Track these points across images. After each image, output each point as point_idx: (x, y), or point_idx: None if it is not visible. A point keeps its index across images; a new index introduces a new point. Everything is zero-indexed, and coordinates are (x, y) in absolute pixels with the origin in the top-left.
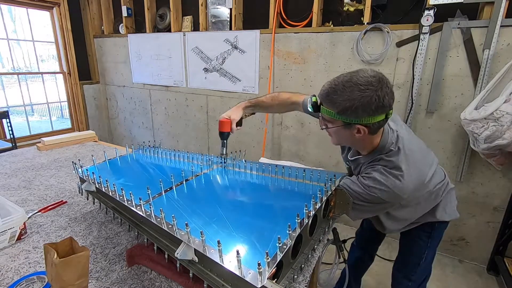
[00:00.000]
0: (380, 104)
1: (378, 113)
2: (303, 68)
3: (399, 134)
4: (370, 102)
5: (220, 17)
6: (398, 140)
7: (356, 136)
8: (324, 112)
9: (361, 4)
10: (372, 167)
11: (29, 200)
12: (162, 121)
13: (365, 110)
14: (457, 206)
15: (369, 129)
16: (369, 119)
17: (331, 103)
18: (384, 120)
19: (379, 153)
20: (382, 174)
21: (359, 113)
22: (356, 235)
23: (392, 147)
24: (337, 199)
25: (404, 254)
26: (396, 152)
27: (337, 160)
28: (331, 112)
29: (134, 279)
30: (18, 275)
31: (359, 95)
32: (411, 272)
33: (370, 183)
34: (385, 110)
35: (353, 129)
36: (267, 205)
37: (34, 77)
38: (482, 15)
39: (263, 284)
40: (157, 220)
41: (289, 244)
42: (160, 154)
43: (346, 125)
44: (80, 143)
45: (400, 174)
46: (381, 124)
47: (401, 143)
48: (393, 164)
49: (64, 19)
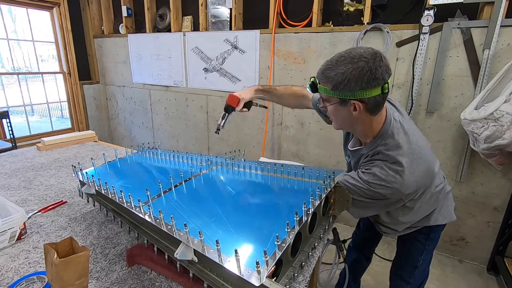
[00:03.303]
0: (373, 76)
1: (372, 86)
2: (303, 68)
3: (404, 126)
4: (362, 73)
5: (220, 17)
6: (403, 130)
7: (354, 114)
8: (321, 90)
9: (361, 4)
10: (372, 162)
11: (29, 200)
12: (162, 121)
13: (357, 82)
14: (455, 208)
15: (365, 105)
16: (363, 93)
17: (326, 79)
18: (380, 96)
19: (381, 140)
20: (382, 170)
21: (352, 86)
22: (352, 236)
23: (396, 135)
24: (337, 196)
25: (401, 257)
26: (396, 145)
27: (337, 160)
28: (326, 89)
29: (134, 279)
30: (18, 275)
31: (351, 67)
32: (409, 275)
33: (370, 179)
34: (378, 82)
35: (349, 105)
36: (266, 203)
37: (34, 77)
38: (482, 15)
39: (262, 282)
40: (156, 221)
41: (288, 242)
42: (160, 155)
43: (342, 102)
44: (80, 143)
45: (401, 169)
46: (378, 101)
47: (404, 133)
48: (393, 159)
49: (64, 19)
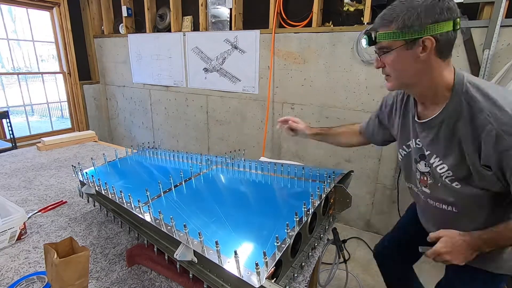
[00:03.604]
0: (446, 5)
1: (445, 17)
2: (303, 68)
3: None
4: (434, 3)
5: (220, 17)
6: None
7: (421, 57)
8: (382, 36)
9: (361, 4)
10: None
11: (29, 200)
12: (162, 121)
13: (428, 13)
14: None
15: (437, 42)
16: (435, 28)
17: (389, 23)
18: (452, 33)
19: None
20: None
21: (422, 19)
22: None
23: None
24: (337, 196)
25: None
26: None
27: (337, 161)
28: (388, 33)
29: (134, 279)
30: (18, 275)
31: (421, 1)
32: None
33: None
34: (452, 13)
35: (417, 47)
36: (266, 203)
37: (34, 77)
38: (482, 15)
39: (261, 284)
40: (156, 222)
41: (287, 243)
42: (160, 155)
43: (408, 44)
44: (80, 143)
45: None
46: (450, 39)
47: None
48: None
49: (64, 19)
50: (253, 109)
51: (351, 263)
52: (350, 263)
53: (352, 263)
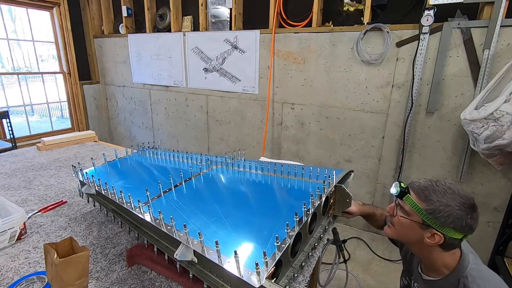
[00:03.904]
0: (469, 224)
1: (461, 230)
2: (303, 68)
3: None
4: (464, 217)
5: (220, 17)
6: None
7: (425, 241)
8: (410, 202)
9: (361, 4)
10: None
11: (29, 200)
12: (162, 121)
13: (454, 220)
14: None
15: (444, 241)
16: (450, 231)
17: (424, 198)
18: (458, 241)
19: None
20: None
21: (448, 221)
22: None
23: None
24: (337, 196)
25: None
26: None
27: (337, 161)
28: (418, 206)
29: (134, 279)
30: (18, 275)
31: (458, 207)
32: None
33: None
34: (468, 230)
35: (427, 232)
36: (266, 203)
37: (34, 77)
38: (482, 15)
39: (261, 283)
40: (156, 222)
41: (287, 243)
42: (160, 155)
43: (423, 225)
44: (80, 143)
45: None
46: (454, 243)
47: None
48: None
49: (64, 19)
50: (253, 109)
51: (351, 263)
52: (350, 263)
53: (352, 263)
